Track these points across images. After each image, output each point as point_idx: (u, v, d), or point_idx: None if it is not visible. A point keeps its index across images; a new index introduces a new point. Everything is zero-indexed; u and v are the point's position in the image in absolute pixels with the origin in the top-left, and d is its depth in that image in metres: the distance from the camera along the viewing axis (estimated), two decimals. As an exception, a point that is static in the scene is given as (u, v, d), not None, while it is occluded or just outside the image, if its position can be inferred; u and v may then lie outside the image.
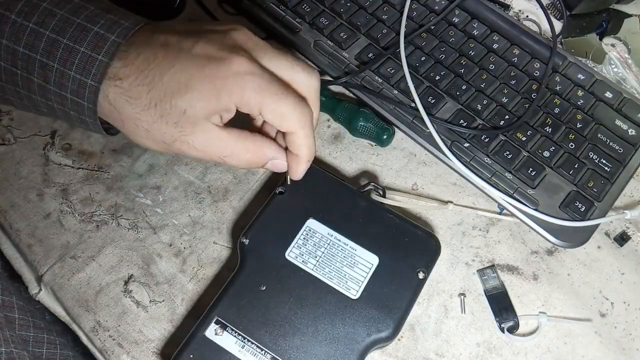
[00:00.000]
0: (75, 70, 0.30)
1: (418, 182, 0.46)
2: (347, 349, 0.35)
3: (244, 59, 0.32)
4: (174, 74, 0.31)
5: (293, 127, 0.33)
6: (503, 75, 0.47)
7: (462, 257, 0.42)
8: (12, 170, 0.44)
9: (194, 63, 0.31)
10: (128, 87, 0.31)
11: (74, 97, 0.31)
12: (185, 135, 0.32)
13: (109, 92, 0.31)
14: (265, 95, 0.32)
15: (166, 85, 0.31)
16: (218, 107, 0.31)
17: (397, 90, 0.46)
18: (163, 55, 0.31)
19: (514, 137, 0.44)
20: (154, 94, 0.31)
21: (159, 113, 0.31)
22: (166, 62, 0.31)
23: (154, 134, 0.32)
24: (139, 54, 0.31)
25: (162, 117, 0.31)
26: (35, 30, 0.30)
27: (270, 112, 0.32)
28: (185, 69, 0.31)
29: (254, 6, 0.50)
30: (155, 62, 0.31)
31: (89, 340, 0.39)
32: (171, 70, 0.31)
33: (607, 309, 0.41)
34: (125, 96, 0.31)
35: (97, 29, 0.30)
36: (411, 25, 0.49)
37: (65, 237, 0.42)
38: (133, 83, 0.31)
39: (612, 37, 0.54)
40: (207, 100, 0.31)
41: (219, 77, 0.31)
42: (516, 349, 0.39)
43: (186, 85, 0.31)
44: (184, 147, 0.32)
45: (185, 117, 0.31)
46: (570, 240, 0.41)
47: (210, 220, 0.43)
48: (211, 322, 0.36)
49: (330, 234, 0.39)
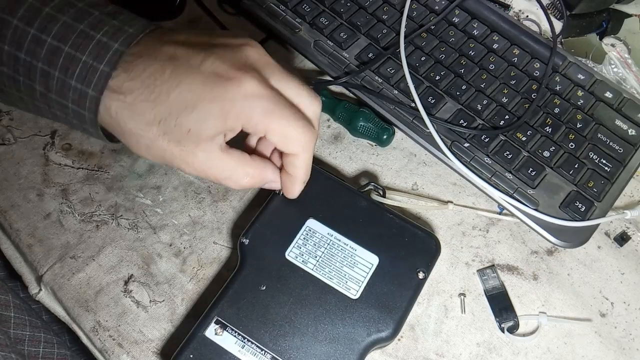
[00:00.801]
0: (76, 80, 0.30)
1: (418, 182, 0.46)
2: (347, 349, 0.35)
3: (254, 80, 0.31)
4: (180, 92, 0.30)
5: (297, 149, 0.34)
6: (503, 75, 0.47)
7: (462, 257, 0.42)
8: (12, 170, 0.44)
9: (202, 82, 0.30)
10: (132, 101, 0.30)
11: (75, 107, 0.30)
12: (185, 155, 0.31)
13: (112, 105, 0.30)
14: (273, 119, 0.31)
15: (172, 103, 0.30)
16: (224, 128, 0.31)
17: (397, 90, 0.46)
18: (170, 71, 0.30)
19: (514, 137, 0.44)
20: (159, 110, 0.30)
21: (162, 130, 0.30)
22: (173, 79, 0.30)
23: (154, 150, 0.31)
24: (145, 68, 0.30)
25: (164, 135, 0.31)
26: (36, 37, 0.29)
27: (277, 135, 0.32)
28: (193, 88, 0.30)
29: (254, 6, 0.50)
30: (162, 79, 0.30)
31: (89, 340, 0.39)
32: (178, 88, 0.30)
33: (607, 309, 0.41)
34: (128, 111, 0.30)
35: (100, 36, 0.30)
36: (411, 25, 0.49)
37: (65, 237, 0.42)
38: (138, 98, 0.30)
39: (612, 37, 0.54)
40: (214, 121, 0.31)
41: (228, 99, 0.30)
42: (516, 349, 0.39)
43: (193, 105, 0.30)
44: (183, 166, 0.32)
45: (189, 136, 0.31)
46: (570, 240, 0.41)
47: (210, 220, 0.43)
48: (211, 322, 0.36)
49: (330, 233, 0.39)
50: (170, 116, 0.30)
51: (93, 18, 0.30)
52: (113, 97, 0.30)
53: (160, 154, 0.32)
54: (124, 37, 0.30)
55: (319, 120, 0.36)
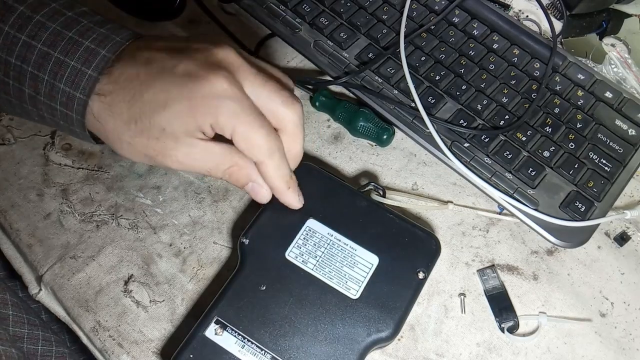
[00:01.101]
0: (65, 83, 0.31)
1: (418, 182, 0.46)
2: (347, 349, 0.35)
3: (224, 80, 0.32)
4: (154, 93, 0.31)
5: (261, 157, 0.34)
6: (503, 75, 0.47)
7: (462, 257, 0.42)
8: (12, 170, 0.44)
9: (174, 82, 0.31)
10: (111, 102, 0.31)
11: (63, 109, 0.32)
12: (168, 150, 0.32)
13: (94, 106, 0.32)
14: (237, 122, 0.32)
15: (146, 103, 0.31)
16: (195, 125, 0.32)
17: (397, 90, 0.46)
18: (145, 73, 0.32)
19: (514, 137, 0.44)
20: (134, 110, 0.31)
21: (139, 128, 0.32)
22: (148, 81, 0.31)
23: (136, 147, 0.32)
24: (122, 72, 0.32)
25: (142, 133, 0.32)
26: (27, 43, 0.31)
27: (241, 139, 0.32)
28: (166, 88, 0.31)
29: (254, 6, 0.50)
30: (137, 80, 0.31)
31: (89, 340, 0.39)
32: (152, 89, 0.31)
33: (607, 309, 0.41)
34: (108, 111, 0.31)
35: (88, 43, 0.31)
36: (411, 25, 0.49)
37: (65, 237, 0.42)
38: (116, 99, 0.31)
39: (612, 37, 0.54)
40: (184, 119, 0.31)
41: (196, 97, 0.31)
42: (516, 349, 0.39)
43: (164, 105, 0.31)
44: (168, 161, 0.33)
45: (166, 134, 0.32)
46: (570, 240, 0.41)
47: (210, 220, 0.43)
48: (211, 322, 0.36)
49: (330, 233, 0.39)
50: (143, 115, 0.31)
51: (81, 26, 0.31)
52: (95, 99, 0.31)
53: (142, 150, 0.32)
54: (111, 44, 0.31)
55: (302, 123, 0.36)
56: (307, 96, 0.48)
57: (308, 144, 0.47)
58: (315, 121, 0.48)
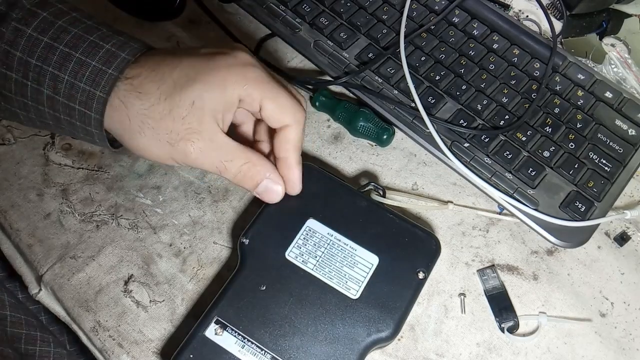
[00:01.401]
0: (85, 82, 0.32)
1: (418, 182, 0.46)
2: (347, 349, 0.35)
3: (246, 52, 0.35)
4: (182, 69, 0.33)
5: (290, 120, 0.35)
6: (503, 75, 0.47)
7: (462, 257, 0.42)
8: (12, 170, 0.44)
9: (201, 59, 0.34)
10: (139, 83, 0.32)
11: (82, 108, 0.32)
12: (190, 134, 0.33)
13: (120, 89, 0.32)
14: (265, 87, 0.34)
15: (176, 80, 0.33)
16: (224, 98, 0.33)
17: (397, 90, 0.46)
18: (171, 57, 0.34)
19: (514, 137, 0.44)
20: (164, 88, 0.32)
21: (168, 107, 0.32)
22: (175, 61, 0.33)
23: (158, 132, 0.33)
24: (149, 59, 0.33)
25: (170, 112, 0.32)
26: (49, 45, 0.32)
27: (271, 102, 0.34)
28: (193, 64, 0.33)
29: (254, 6, 0.50)
30: (164, 62, 0.33)
31: (89, 340, 0.39)
32: (180, 66, 0.33)
33: (607, 309, 0.41)
34: (136, 92, 0.32)
35: (109, 46, 0.32)
36: (411, 25, 0.49)
37: (65, 237, 0.42)
38: (144, 80, 0.32)
39: (612, 37, 0.54)
40: (214, 91, 0.33)
41: (224, 67, 0.33)
42: (516, 349, 0.39)
43: (194, 78, 0.33)
44: (188, 148, 0.33)
45: (194, 109, 0.33)
46: (570, 240, 0.41)
47: (210, 220, 0.43)
48: (211, 322, 0.36)
49: (330, 234, 0.39)
50: (174, 91, 0.32)
51: (102, 32, 0.33)
52: (120, 86, 0.32)
53: (165, 137, 0.33)
54: (130, 49, 0.33)
55: (302, 125, 0.37)
56: (307, 96, 0.48)
57: (308, 144, 0.47)
58: (315, 121, 0.48)
